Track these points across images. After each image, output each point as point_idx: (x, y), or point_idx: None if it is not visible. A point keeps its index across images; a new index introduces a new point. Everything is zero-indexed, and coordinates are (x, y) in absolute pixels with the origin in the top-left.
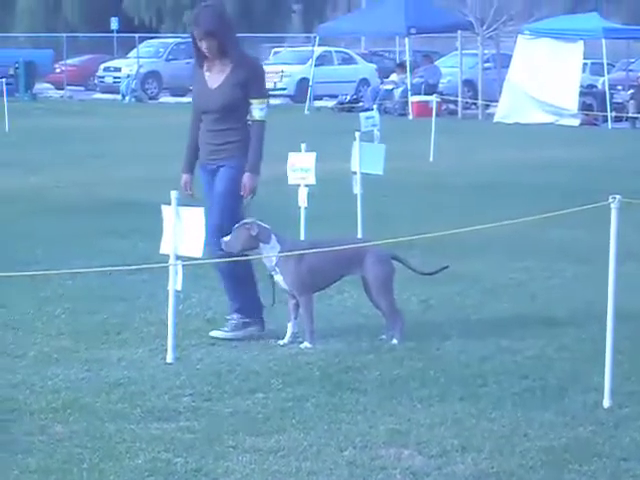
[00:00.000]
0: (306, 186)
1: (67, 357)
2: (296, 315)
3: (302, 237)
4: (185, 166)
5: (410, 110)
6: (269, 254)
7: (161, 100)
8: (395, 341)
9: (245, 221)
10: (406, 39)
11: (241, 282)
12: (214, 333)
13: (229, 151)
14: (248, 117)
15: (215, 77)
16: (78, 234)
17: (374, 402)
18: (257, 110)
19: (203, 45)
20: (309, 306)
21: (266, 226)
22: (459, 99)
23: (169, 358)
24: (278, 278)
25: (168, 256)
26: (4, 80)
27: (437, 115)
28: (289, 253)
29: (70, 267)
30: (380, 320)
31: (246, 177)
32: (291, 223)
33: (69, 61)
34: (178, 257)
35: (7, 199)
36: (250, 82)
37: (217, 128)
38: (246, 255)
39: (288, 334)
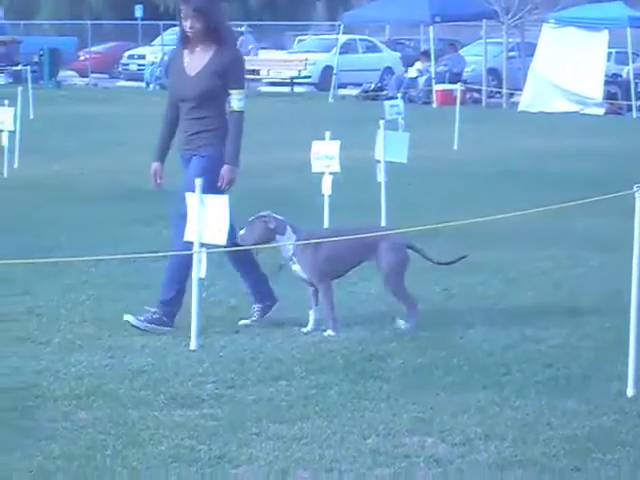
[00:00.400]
0: (330, 174)
1: (91, 344)
2: (316, 302)
3: (326, 225)
4: (156, 154)
5: (434, 98)
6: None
7: None
8: (403, 325)
9: (261, 214)
10: (430, 27)
11: (185, 272)
12: (128, 317)
13: (204, 139)
14: (227, 107)
15: (194, 64)
16: (102, 221)
17: (397, 390)
18: (236, 101)
19: (187, 24)
20: (328, 293)
21: (281, 218)
22: (483, 88)
23: (193, 345)
24: (296, 267)
25: (192, 243)
26: (29, 67)
27: (461, 103)
28: (305, 242)
29: (94, 254)
30: (403, 307)
31: (225, 169)
32: (315, 211)
33: (93, 48)
34: (202, 244)
35: (31, 186)
36: (229, 72)
37: (194, 117)
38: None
39: (311, 322)
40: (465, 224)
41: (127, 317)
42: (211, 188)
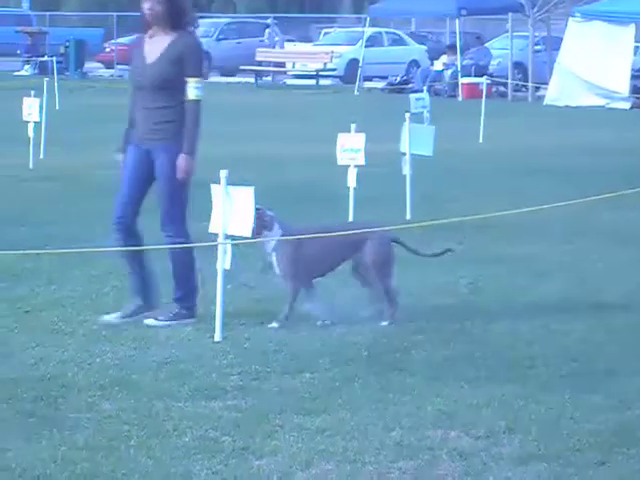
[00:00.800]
0: (356, 167)
1: (115, 335)
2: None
3: (350, 218)
4: (123, 146)
5: (460, 92)
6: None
7: (211, 80)
8: (385, 323)
9: (257, 207)
10: (456, 20)
11: (189, 268)
12: (149, 321)
13: (165, 132)
14: (184, 96)
15: (153, 51)
16: None
17: (421, 383)
18: (192, 89)
19: (147, 6)
20: (294, 294)
21: (271, 214)
22: (509, 81)
23: (217, 337)
24: (273, 261)
25: (217, 235)
26: (54, 59)
27: (487, 97)
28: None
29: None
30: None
31: (181, 159)
32: (340, 204)
33: (119, 40)
34: (227, 236)
35: (57, 177)
36: (186, 59)
37: (152, 106)
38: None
39: (322, 316)
40: (490, 217)
41: (148, 321)
42: (184, 182)
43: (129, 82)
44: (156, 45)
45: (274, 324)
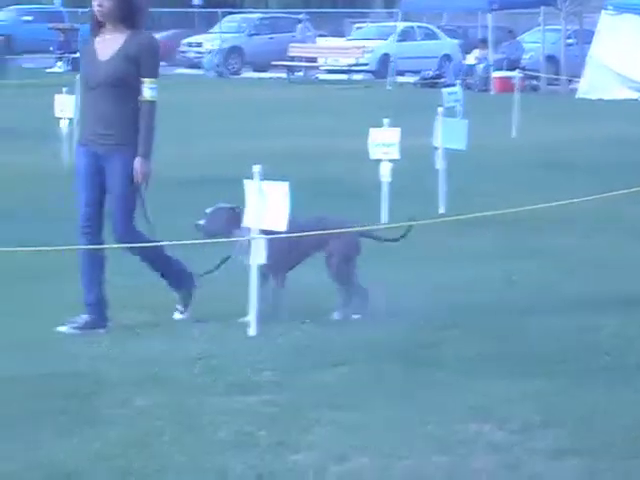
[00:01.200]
0: (389, 161)
1: (149, 330)
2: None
3: (383, 212)
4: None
5: (492, 86)
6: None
7: (243, 75)
8: (336, 316)
9: (231, 206)
10: (488, 15)
11: (162, 258)
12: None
13: (117, 135)
14: (139, 97)
15: (106, 49)
16: (159, 209)
17: (453, 378)
18: (148, 89)
19: (96, 3)
20: (281, 286)
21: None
22: (542, 75)
23: (251, 331)
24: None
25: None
26: None
27: (519, 91)
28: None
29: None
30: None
31: (137, 162)
32: (371, 198)
33: None
34: (261, 231)
35: None
36: (142, 58)
37: (104, 107)
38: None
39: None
40: (521, 211)
41: (177, 315)
42: (135, 187)
43: (80, 82)
44: (109, 43)
45: (245, 318)
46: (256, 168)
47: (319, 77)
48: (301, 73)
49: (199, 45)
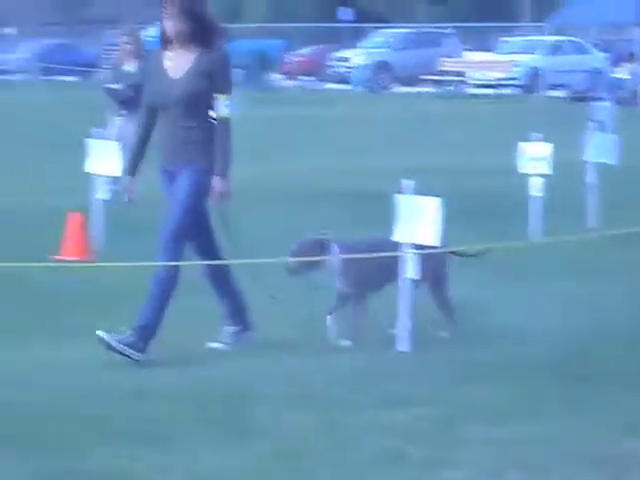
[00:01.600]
0: (540, 176)
1: (300, 346)
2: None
3: (530, 226)
4: (128, 168)
5: None
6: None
7: (392, 90)
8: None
9: (319, 237)
10: (636, 28)
11: (226, 284)
12: (214, 344)
13: (190, 153)
14: (212, 114)
15: (178, 66)
16: (299, 223)
17: (610, 394)
18: (222, 107)
19: (170, 25)
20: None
21: (328, 237)
22: None
23: (403, 347)
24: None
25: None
26: (238, 70)
27: None
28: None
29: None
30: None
31: (216, 181)
32: (520, 213)
33: (299, 51)
34: (413, 245)
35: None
36: (216, 74)
37: (179, 125)
38: None
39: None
40: None
41: (214, 344)
42: (201, 203)
43: (145, 101)
44: (180, 60)
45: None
46: (408, 183)
47: (468, 91)
48: (452, 87)
49: (346, 60)
